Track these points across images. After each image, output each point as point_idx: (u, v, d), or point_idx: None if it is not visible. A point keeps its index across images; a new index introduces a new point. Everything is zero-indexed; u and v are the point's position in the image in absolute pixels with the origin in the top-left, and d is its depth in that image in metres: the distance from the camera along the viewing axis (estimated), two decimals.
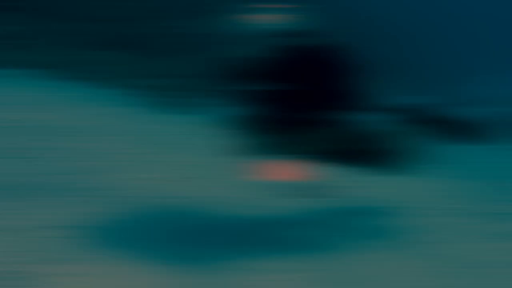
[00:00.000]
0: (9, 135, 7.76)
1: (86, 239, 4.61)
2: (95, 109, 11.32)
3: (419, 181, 7.78)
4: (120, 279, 3.92)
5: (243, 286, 4.03)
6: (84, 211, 5.36)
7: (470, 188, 8.53)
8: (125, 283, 3.86)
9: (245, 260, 4.77)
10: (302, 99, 4.57)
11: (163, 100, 15.35)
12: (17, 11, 16.51)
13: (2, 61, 13.89)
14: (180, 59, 20.38)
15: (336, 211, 6.75)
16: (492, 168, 8.62)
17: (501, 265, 5.15)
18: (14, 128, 8.16)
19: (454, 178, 8.49)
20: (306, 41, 5.03)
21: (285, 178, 4.77)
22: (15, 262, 3.88)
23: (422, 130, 6.73)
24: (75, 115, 10.05)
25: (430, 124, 6.65)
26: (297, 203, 6.89)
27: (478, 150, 6.93)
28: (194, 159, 8.44)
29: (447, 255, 5.29)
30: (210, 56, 20.76)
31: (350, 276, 4.71)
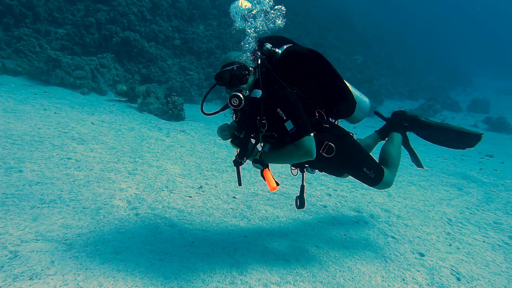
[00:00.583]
0: None
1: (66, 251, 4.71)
2: (77, 116, 11.35)
3: None
4: None
5: None
6: (63, 223, 5.40)
7: None
8: None
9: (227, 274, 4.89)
10: None
11: (149, 106, 15.42)
12: None
13: None
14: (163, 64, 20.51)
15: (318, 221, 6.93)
16: None
17: None
18: None
19: None
20: None
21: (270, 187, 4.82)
22: None
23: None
24: (55, 122, 10.04)
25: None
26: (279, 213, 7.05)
27: None
28: (176, 167, 8.55)
29: None
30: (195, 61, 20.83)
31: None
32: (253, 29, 4.89)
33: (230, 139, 4.97)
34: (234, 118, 5.07)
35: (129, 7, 20.47)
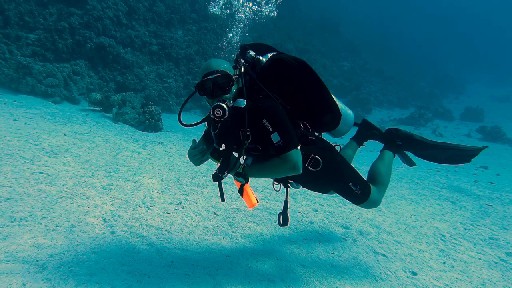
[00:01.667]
0: None
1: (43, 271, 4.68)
2: (48, 126, 11.28)
3: None
4: None
5: None
6: (34, 242, 5.36)
7: None
8: None
9: None
10: None
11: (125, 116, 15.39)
12: None
13: None
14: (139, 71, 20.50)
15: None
16: None
17: None
18: None
19: None
20: None
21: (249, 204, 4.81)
22: None
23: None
24: (25, 134, 9.97)
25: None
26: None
27: None
28: (155, 182, 8.53)
29: None
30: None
31: None
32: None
33: (210, 152, 4.92)
34: (213, 130, 4.98)
35: (104, 11, 20.45)
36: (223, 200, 5.10)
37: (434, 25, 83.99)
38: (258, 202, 4.76)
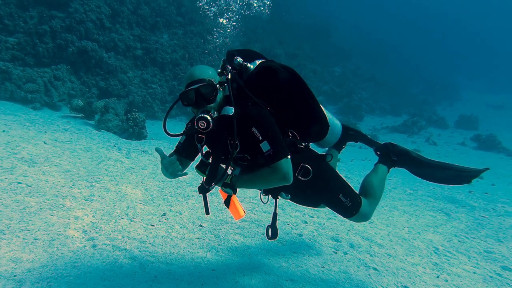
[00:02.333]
0: None
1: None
2: (28, 134, 11.21)
3: None
4: None
5: None
6: (12, 256, 5.31)
7: None
8: None
9: None
10: None
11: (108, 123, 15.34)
12: None
13: None
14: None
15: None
16: None
17: None
18: None
19: None
20: None
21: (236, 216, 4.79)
22: None
23: None
24: (4, 142, 9.89)
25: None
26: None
27: None
28: (139, 193, 8.49)
29: None
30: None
31: None
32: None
33: (196, 165, 4.87)
34: (198, 143, 4.91)
35: (87, 14, 20.39)
36: (207, 213, 5.06)
37: (427, 31, 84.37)
38: (245, 213, 4.74)
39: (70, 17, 19.80)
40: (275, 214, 5.60)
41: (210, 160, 4.81)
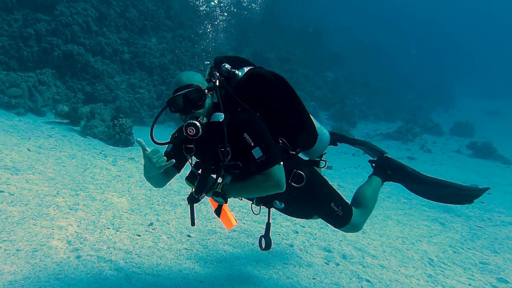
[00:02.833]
0: None
1: None
2: (11, 140, 11.15)
3: None
4: None
5: None
6: None
7: None
8: None
9: None
10: None
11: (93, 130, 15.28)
12: None
13: None
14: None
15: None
16: None
17: None
18: None
19: None
20: None
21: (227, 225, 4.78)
22: None
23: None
24: None
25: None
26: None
27: None
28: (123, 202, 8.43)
29: None
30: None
31: None
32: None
33: (186, 177, 4.84)
34: (187, 153, 4.87)
35: (73, 17, 20.31)
36: (193, 224, 5.03)
37: (422, 36, 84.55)
38: (236, 222, 4.73)
39: (55, 20, 19.74)
40: (268, 224, 5.57)
41: (200, 171, 4.78)
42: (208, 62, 5.01)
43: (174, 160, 4.34)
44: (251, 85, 4.83)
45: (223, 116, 4.42)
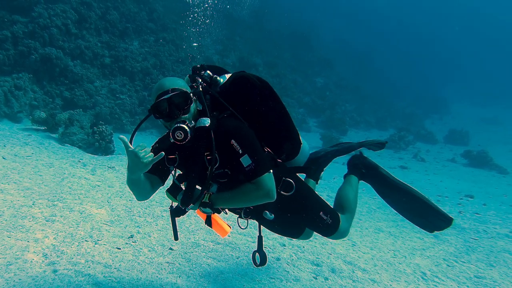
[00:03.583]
0: None
1: None
2: None
3: None
4: None
5: None
6: None
7: None
8: None
9: None
10: None
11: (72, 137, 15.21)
12: None
13: None
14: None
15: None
16: None
17: None
18: None
19: None
20: None
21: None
22: None
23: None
24: None
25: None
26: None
27: None
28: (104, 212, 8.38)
29: None
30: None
31: None
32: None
33: (167, 189, 4.76)
34: (170, 164, 4.80)
35: (52, 19, 20.26)
36: (176, 239, 4.99)
37: (416, 40, 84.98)
38: (231, 228, 4.70)
39: (33, 22, 19.69)
40: (260, 238, 5.51)
41: (183, 186, 4.73)
42: (189, 75, 4.99)
43: (163, 153, 4.18)
44: (236, 87, 4.82)
45: (209, 121, 4.37)
